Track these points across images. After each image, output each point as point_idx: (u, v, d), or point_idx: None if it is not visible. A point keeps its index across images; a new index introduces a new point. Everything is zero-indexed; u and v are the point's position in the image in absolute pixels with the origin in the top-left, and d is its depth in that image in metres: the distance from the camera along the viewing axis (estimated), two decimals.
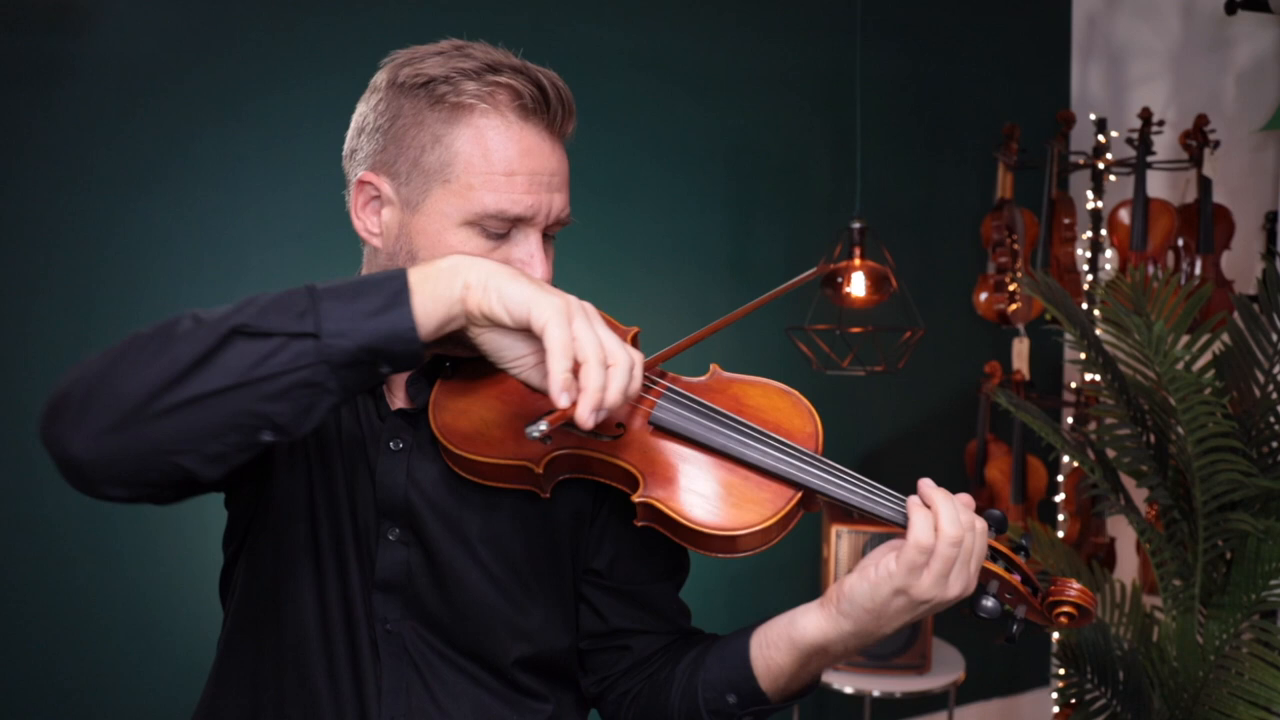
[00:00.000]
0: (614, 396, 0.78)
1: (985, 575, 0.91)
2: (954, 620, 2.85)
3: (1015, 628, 0.92)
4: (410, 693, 0.99)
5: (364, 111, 0.98)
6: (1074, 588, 0.91)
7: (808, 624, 0.93)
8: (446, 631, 1.00)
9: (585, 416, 0.77)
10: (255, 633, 1.02)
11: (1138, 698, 1.92)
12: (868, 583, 0.88)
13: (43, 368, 2.09)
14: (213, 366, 0.75)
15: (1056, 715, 2.59)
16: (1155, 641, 1.97)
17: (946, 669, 2.57)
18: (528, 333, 0.80)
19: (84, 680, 2.18)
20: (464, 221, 0.92)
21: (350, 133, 1.00)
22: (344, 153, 1.01)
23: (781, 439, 0.93)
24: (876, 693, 2.48)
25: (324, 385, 0.77)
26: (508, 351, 0.83)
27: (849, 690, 2.48)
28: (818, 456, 0.93)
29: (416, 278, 0.79)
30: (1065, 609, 0.91)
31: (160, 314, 0.77)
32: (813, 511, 0.93)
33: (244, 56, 2.25)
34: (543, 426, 0.79)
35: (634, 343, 1.03)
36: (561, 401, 0.78)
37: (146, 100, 2.17)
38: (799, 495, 0.91)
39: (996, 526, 0.93)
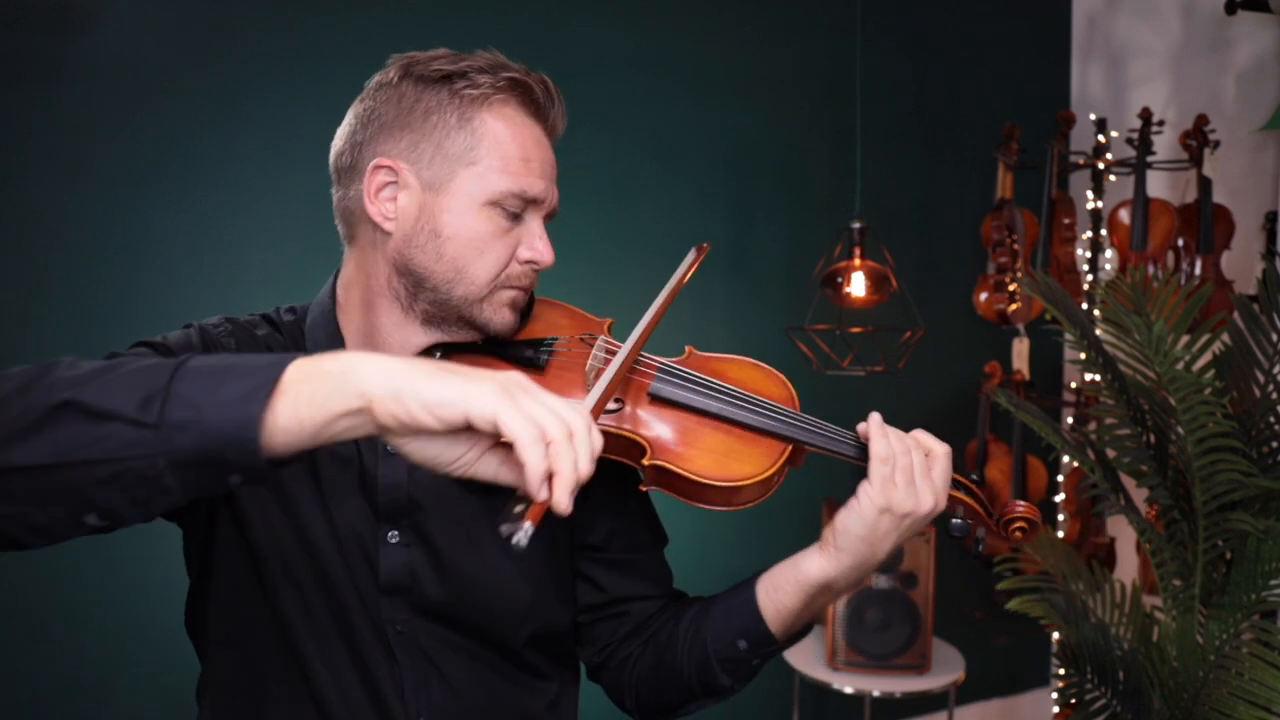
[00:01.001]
0: (586, 467, 0.70)
1: (953, 503, 1.04)
2: (954, 620, 2.85)
3: (980, 546, 1.06)
4: (429, 688, 1.01)
5: (370, 106, 1.00)
6: (1021, 505, 1.04)
7: (811, 566, 1.00)
8: (456, 622, 1.02)
9: (565, 501, 0.69)
10: (251, 674, 1.01)
11: (1138, 698, 1.91)
12: (855, 513, 0.97)
13: None
14: (37, 439, 0.67)
15: (1056, 715, 2.59)
16: (1155, 641, 1.97)
17: (946, 669, 2.57)
18: (463, 431, 0.71)
19: (84, 680, 2.18)
20: (488, 201, 0.97)
21: (350, 129, 1.01)
22: (340, 149, 1.01)
23: (765, 400, 1.02)
24: (876, 693, 2.48)
25: (159, 481, 0.67)
26: (445, 455, 0.72)
27: (849, 690, 2.48)
28: (799, 413, 1.02)
29: (294, 374, 0.68)
30: (1018, 524, 1.04)
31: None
32: (797, 466, 1.03)
33: (244, 56, 2.25)
34: (528, 529, 0.68)
35: (609, 332, 1.08)
36: (543, 494, 0.69)
37: (146, 100, 2.17)
38: (788, 449, 1.00)
39: (954, 466, 1.06)
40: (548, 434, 0.69)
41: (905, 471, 0.97)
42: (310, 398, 0.68)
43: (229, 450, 0.66)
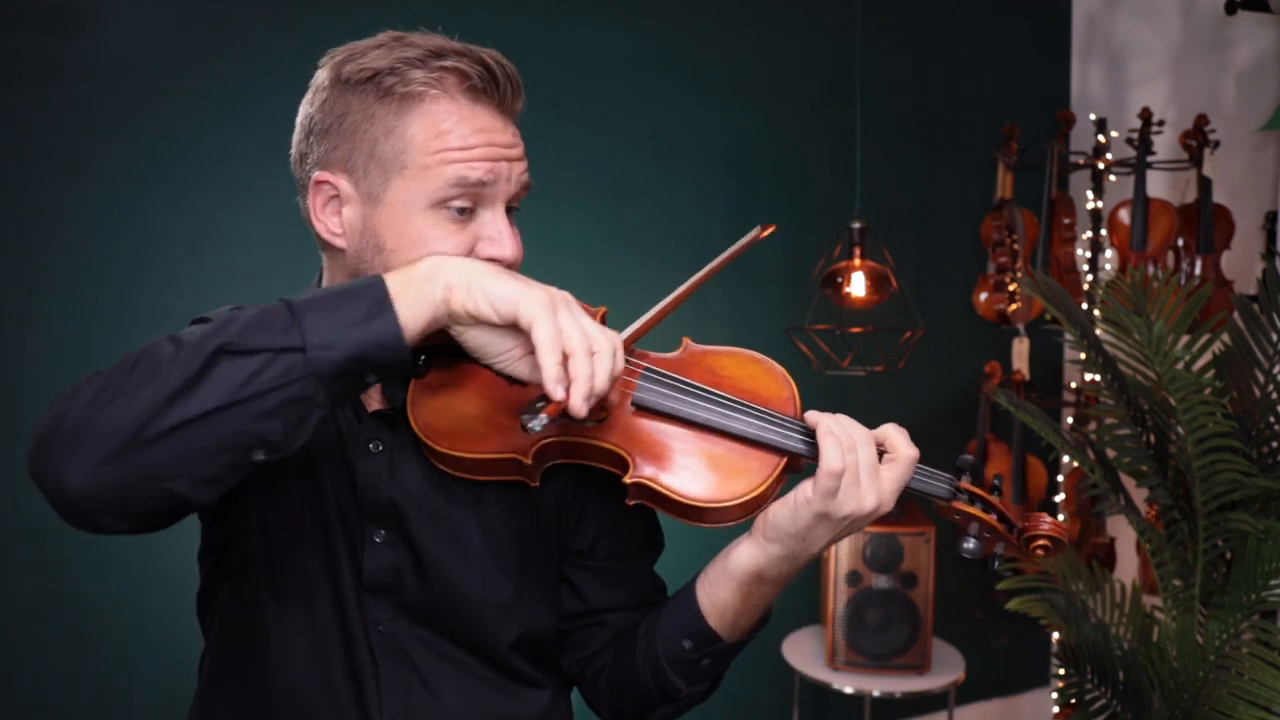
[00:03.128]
0: (603, 382, 0.80)
1: (965, 519, 0.96)
2: (954, 620, 2.85)
3: (997, 564, 0.98)
4: (409, 690, 0.99)
5: (309, 113, 0.97)
6: (1047, 522, 0.96)
7: (740, 555, 0.96)
8: (439, 626, 1.01)
9: (579, 405, 0.79)
10: (241, 654, 1.01)
11: (1138, 698, 1.91)
12: (788, 509, 0.92)
13: (42, 368, 2.09)
14: (201, 389, 0.74)
15: (1056, 715, 2.59)
16: (1155, 641, 1.97)
17: (946, 669, 2.57)
18: (513, 328, 0.82)
19: (85, 678, 2.18)
20: (429, 205, 0.92)
21: (296, 137, 0.98)
22: (292, 158, 0.99)
23: (761, 407, 0.95)
24: (876, 693, 2.48)
25: (313, 399, 0.76)
26: (493, 347, 0.84)
27: (849, 690, 2.48)
28: (796, 420, 0.95)
29: (397, 283, 0.79)
30: (1040, 542, 0.96)
31: (159, 313, 0.77)
32: (797, 473, 0.95)
33: (244, 56, 2.25)
34: (542, 419, 0.81)
35: (603, 322, 1.04)
36: (557, 394, 0.79)
37: (146, 100, 2.17)
38: (784, 461, 0.93)
39: (971, 473, 0.99)
40: (569, 346, 0.79)
41: (852, 471, 0.90)
42: (416, 297, 0.79)
43: (379, 353, 0.77)
